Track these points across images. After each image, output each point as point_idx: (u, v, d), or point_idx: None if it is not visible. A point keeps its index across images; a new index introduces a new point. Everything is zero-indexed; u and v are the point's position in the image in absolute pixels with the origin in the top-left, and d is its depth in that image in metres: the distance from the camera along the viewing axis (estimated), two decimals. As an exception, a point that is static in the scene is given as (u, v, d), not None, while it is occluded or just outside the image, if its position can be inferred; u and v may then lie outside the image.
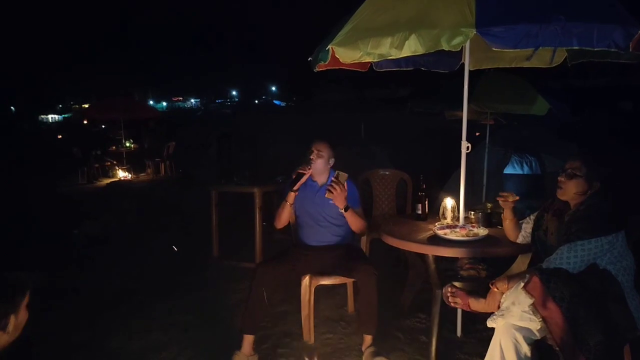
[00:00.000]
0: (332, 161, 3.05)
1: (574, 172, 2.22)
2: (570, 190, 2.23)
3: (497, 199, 2.59)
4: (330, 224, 3.02)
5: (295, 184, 2.88)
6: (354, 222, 2.95)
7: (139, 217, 6.86)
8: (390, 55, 2.47)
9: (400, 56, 2.43)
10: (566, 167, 2.28)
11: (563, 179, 2.25)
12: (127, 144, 11.93)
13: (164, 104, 45.30)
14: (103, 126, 17.33)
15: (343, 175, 2.86)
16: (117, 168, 11.07)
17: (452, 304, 2.44)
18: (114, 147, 11.99)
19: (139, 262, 4.81)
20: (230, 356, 2.71)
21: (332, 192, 2.79)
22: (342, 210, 2.87)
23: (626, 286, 2.10)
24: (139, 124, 14.06)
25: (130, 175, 11.07)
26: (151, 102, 38.73)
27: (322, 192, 2.94)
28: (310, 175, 2.96)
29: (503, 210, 2.97)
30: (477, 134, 6.42)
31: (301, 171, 2.89)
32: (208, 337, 3.11)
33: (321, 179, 3.04)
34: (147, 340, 3.11)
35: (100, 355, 2.96)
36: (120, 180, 10.74)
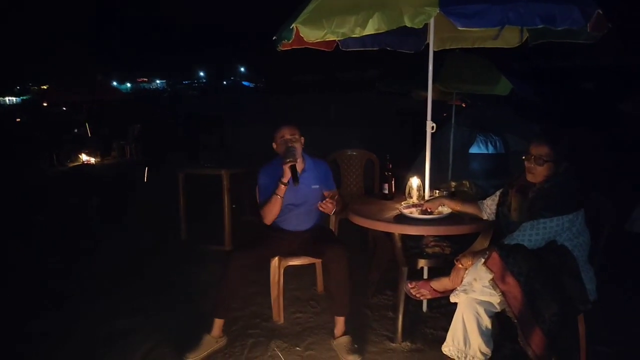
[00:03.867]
0: (303, 140, 2.99)
1: (542, 158, 2.25)
2: (540, 175, 2.28)
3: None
4: (306, 210, 2.98)
5: (295, 178, 2.70)
6: (342, 209, 3.00)
7: (103, 202, 6.70)
8: (354, 34, 2.46)
9: (364, 34, 2.42)
10: (532, 152, 2.30)
11: (532, 164, 2.28)
12: (89, 127, 11.54)
13: (129, 85, 43.93)
14: (64, 108, 16.73)
15: (333, 193, 2.94)
16: (80, 152, 10.73)
17: (419, 297, 2.50)
18: (76, 130, 11.60)
19: (106, 246, 4.71)
20: (198, 339, 2.70)
21: (327, 209, 2.82)
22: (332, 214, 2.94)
23: (581, 261, 2.19)
24: (102, 106, 13.63)
25: (94, 159, 10.76)
26: (115, 84, 37.47)
27: (304, 178, 2.88)
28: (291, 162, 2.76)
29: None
30: (444, 114, 6.51)
31: (292, 162, 2.71)
32: (176, 321, 3.09)
33: (299, 163, 2.94)
34: (114, 325, 3.07)
35: (68, 339, 2.91)
36: (83, 164, 10.43)
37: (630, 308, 3.15)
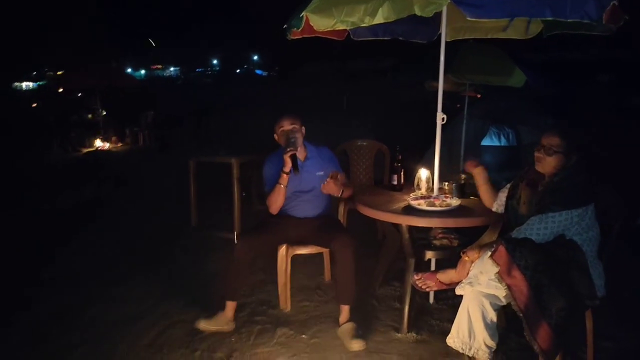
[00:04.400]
0: (304, 130, 3.02)
1: (552, 148, 2.23)
2: (549, 165, 2.26)
3: (466, 168, 2.57)
4: (312, 197, 3.01)
5: (295, 167, 2.77)
6: (349, 193, 3.01)
7: (116, 188, 6.79)
8: (364, 23, 2.44)
9: (374, 23, 2.40)
10: (543, 142, 2.28)
11: (541, 154, 2.26)
12: (104, 113, 11.65)
13: (143, 72, 44.11)
14: (79, 94, 16.87)
15: (335, 173, 2.93)
16: (93, 138, 10.85)
17: (425, 289, 2.50)
18: (90, 116, 11.71)
19: (118, 233, 4.78)
20: (213, 313, 2.80)
21: (329, 188, 2.86)
22: (339, 196, 2.93)
23: (590, 256, 2.17)
24: (115, 93, 13.71)
25: (107, 145, 10.88)
26: (129, 70, 37.67)
27: (307, 166, 2.95)
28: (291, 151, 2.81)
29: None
30: (458, 105, 6.44)
31: (292, 151, 2.76)
32: (185, 307, 3.14)
33: (301, 152, 3.01)
34: (125, 310, 3.13)
35: (77, 323, 2.97)
36: (97, 150, 10.55)
37: (638, 305, 3.12)
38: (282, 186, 2.84)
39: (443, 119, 2.87)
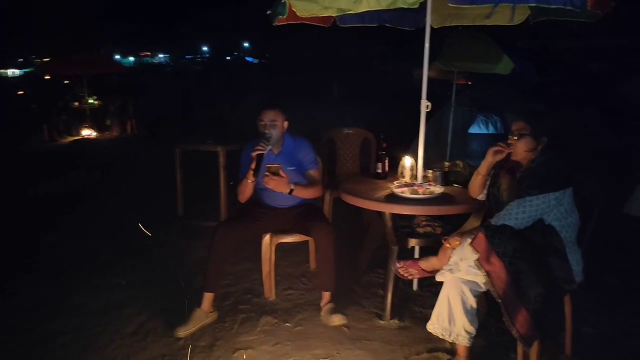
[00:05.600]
0: (286, 124, 2.99)
1: (520, 132, 2.27)
2: (521, 149, 2.28)
3: (495, 148, 2.37)
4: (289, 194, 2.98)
5: (258, 166, 2.73)
6: (305, 195, 2.93)
7: (103, 177, 6.72)
8: (350, 10, 2.42)
9: (359, 11, 2.38)
10: (513, 128, 2.33)
11: (513, 141, 2.30)
12: (91, 101, 11.49)
13: (131, 59, 43.45)
14: (66, 82, 16.62)
15: (275, 167, 2.76)
16: (81, 126, 10.71)
17: (408, 277, 2.51)
18: (77, 104, 11.54)
19: (104, 221, 4.75)
20: (189, 313, 2.74)
21: (269, 185, 2.74)
22: (288, 194, 2.82)
23: (568, 242, 2.19)
24: (103, 80, 13.53)
25: (94, 134, 10.76)
26: (118, 57, 37.10)
27: (279, 160, 2.91)
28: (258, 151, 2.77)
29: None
30: (448, 93, 6.44)
31: (260, 151, 2.74)
32: (170, 295, 3.13)
33: (278, 146, 2.98)
34: (110, 298, 3.12)
35: (61, 312, 2.95)
36: (83, 139, 10.43)
37: (617, 291, 3.17)
38: (249, 181, 2.81)
39: (428, 106, 2.86)
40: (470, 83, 8.38)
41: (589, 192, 2.37)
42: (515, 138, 2.29)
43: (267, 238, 3.00)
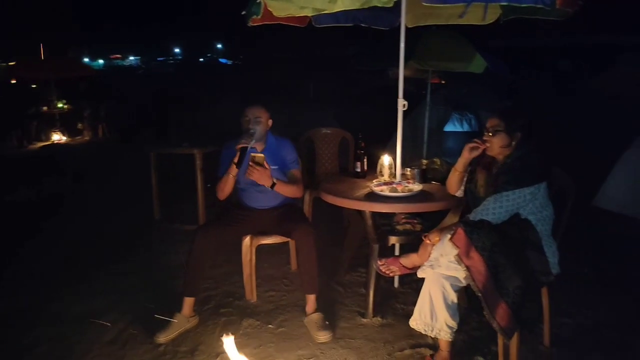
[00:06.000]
0: (270, 122, 2.98)
1: (495, 128, 2.31)
2: (496, 145, 2.32)
3: (471, 145, 2.38)
4: (266, 189, 2.90)
5: (240, 160, 2.71)
6: (286, 192, 2.90)
7: (76, 182, 6.56)
8: (325, 10, 2.43)
9: (335, 10, 2.38)
10: (487, 125, 2.37)
11: (488, 137, 2.34)
12: (60, 105, 11.19)
13: (101, 62, 42.46)
14: (33, 86, 16.15)
15: (260, 157, 2.73)
16: (50, 131, 10.43)
17: (389, 274, 2.52)
18: (45, 108, 11.22)
19: (80, 227, 4.63)
20: (169, 319, 2.69)
21: (252, 176, 2.71)
22: (270, 187, 2.79)
23: (544, 235, 2.24)
24: (72, 84, 13.19)
25: (64, 138, 10.49)
26: (87, 60, 36.19)
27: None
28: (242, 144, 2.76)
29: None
30: (423, 92, 6.52)
31: (244, 145, 2.72)
32: (149, 301, 3.07)
33: (261, 144, 2.95)
34: (88, 305, 3.04)
35: (39, 320, 2.87)
36: (53, 144, 10.16)
37: (592, 282, 3.26)
38: (231, 176, 2.80)
39: (404, 105, 2.88)
40: (444, 82, 8.50)
41: (561, 184, 2.43)
42: (490, 134, 2.33)
43: (247, 240, 2.97)
